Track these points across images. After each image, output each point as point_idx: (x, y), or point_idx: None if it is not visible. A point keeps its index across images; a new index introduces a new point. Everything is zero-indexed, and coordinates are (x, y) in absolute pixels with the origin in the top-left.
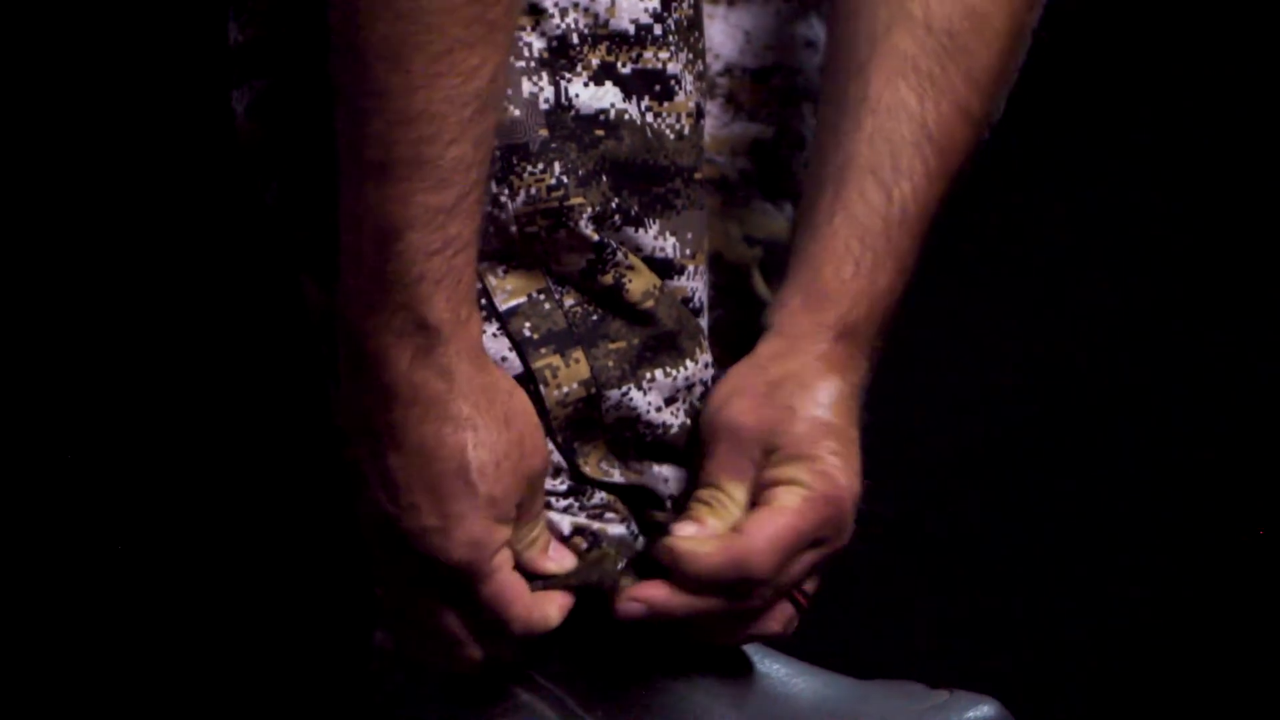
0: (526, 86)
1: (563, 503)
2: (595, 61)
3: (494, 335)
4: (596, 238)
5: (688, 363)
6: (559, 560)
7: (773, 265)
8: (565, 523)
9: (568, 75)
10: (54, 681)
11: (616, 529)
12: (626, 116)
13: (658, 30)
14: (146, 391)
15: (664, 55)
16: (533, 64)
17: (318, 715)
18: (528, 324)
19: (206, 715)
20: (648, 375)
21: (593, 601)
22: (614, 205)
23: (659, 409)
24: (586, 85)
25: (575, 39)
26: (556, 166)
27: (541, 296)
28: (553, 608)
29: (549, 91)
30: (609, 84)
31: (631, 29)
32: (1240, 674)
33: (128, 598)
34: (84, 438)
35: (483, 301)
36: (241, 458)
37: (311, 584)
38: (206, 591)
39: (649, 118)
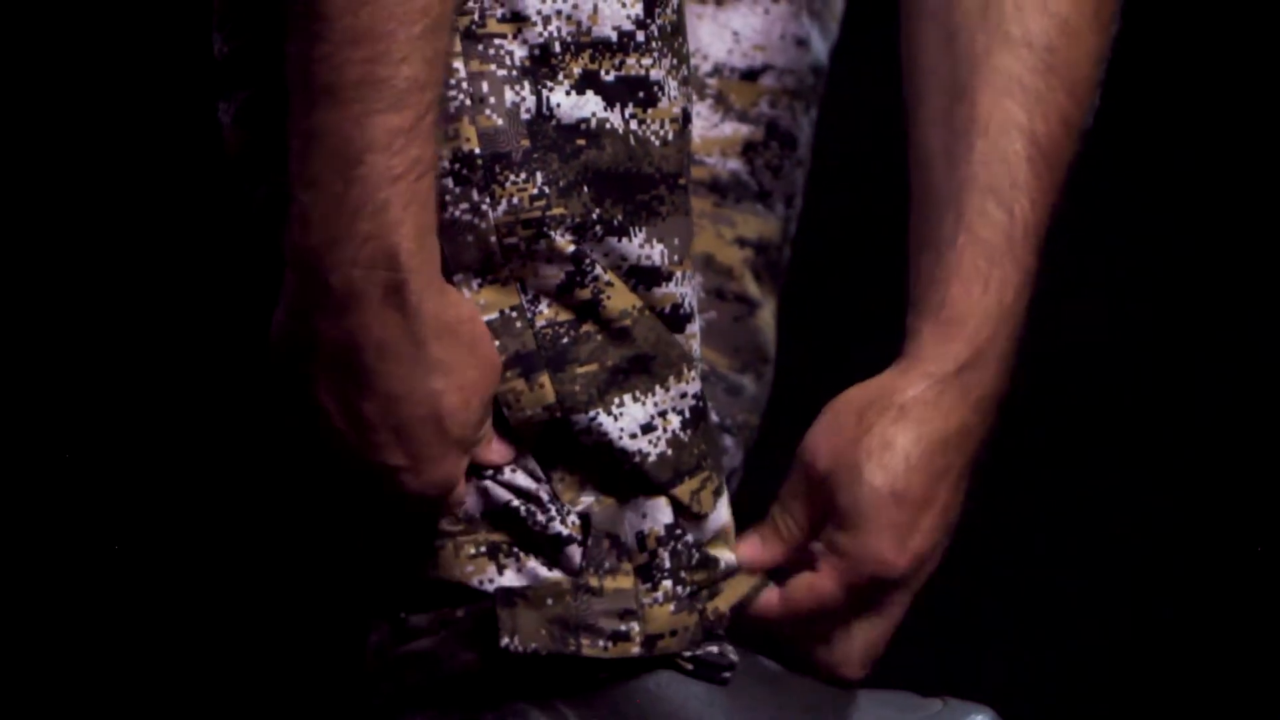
0: (509, 95)
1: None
2: (577, 70)
3: None
4: (573, 249)
5: (657, 389)
6: (500, 452)
7: (764, 266)
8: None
9: (549, 84)
10: (54, 681)
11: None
12: (608, 125)
13: (640, 37)
14: (137, 391)
15: (647, 62)
16: (514, 73)
17: (317, 715)
18: (496, 344)
19: (206, 715)
20: (616, 400)
21: None
22: (595, 216)
23: (633, 436)
24: (568, 94)
25: (558, 47)
26: (539, 176)
27: (514, 314)
28: None
29: (530, 101)
30: (590, 93)
31: (614, 36)
32: (1238, 678)
33: (126, 597)
34: (77, 438)
35: None
36: (234, 458)
37: (310, 584)
38: (205, 591)
39: (633, 125)
